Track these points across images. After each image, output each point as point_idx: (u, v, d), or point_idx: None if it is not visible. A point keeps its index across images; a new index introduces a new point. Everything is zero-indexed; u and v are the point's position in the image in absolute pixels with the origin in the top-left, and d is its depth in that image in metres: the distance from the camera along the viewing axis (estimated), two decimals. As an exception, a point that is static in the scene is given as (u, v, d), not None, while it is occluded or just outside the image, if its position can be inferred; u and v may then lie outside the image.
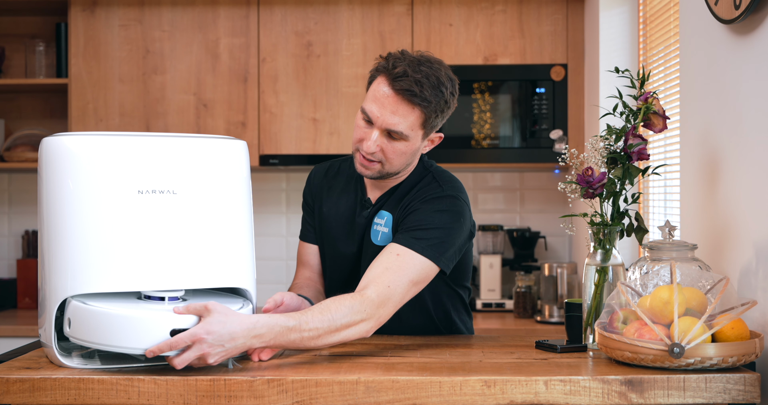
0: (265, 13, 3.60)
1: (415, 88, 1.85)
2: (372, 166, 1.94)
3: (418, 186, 2.01)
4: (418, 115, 1.88)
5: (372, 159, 1.92)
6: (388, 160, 1.92)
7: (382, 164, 1.93)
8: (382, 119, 1.88)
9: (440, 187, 1.98)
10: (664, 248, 1.77)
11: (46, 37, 3.86)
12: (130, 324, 1.59)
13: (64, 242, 1.64)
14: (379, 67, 1.92)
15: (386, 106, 1.87)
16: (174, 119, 3.59)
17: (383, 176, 1.98)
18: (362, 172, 1.96)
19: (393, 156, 1.92)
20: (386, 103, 1.87)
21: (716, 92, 2.00)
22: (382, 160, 1.93)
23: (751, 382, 1.54)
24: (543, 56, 3.56)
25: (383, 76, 1.89)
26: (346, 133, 3.56)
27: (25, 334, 3.29)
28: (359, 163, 1.95)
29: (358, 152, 1.94)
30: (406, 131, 1.89)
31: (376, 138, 1.89)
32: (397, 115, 1.87)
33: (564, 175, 3.81)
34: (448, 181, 2.01)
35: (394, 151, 1.91)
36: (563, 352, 1.80)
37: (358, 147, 1.94)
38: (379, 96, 1.88)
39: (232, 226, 1.76)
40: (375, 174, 1.96)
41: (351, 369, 1.64)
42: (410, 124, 1.89)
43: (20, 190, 3.99)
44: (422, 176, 2.04)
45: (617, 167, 1.84)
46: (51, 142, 1.67)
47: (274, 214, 3.94)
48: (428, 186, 1.99)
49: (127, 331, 1.58)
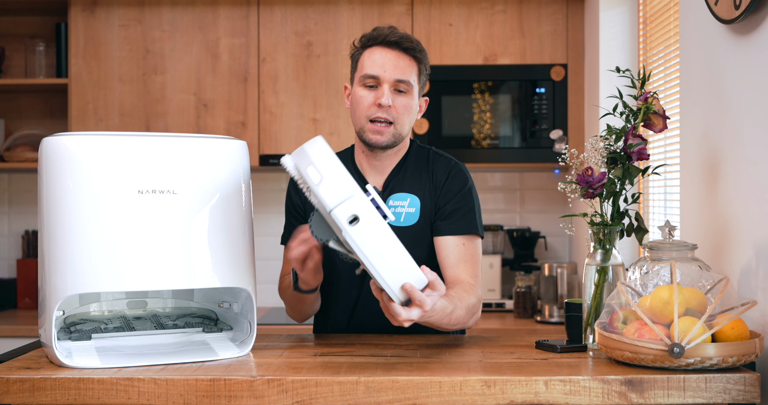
0: (265, 13, 3.60)
1: (407, 42, 2.01)
2: (386, 130, 2.01)
3: (431, 161, 2.08)
4: (415, 66, 2.03)
5: (387, 118, 1.99)
6: (399, 117, 2.01)
7: (394, 125, 2.01)
8: (389, 72, 1.99)
9: (449, 159, 2.10)
10: (664, 248, 1.77)
11: (46, 37, 3.86)
12: (407, 264, 1.57)
13: (64, 242, 1.64)
14: (362, 44, 2.05)
15: (388, 61, 2.00)
16: (174, 119, 3.59)
17: (393, 142, 2.03)
18: (377, 140, 2.01)
19: (402, 112, 2.01)
20: (387, 59, 2.00)
21: (716, 92, 2.00)
22: (394, 119, 2.00)
23: (751, 382, 1.54)
24: (543, 56, 3.56)
25: (373, 47, 2.02)
26: (346, 133, 3.56)
27: (25, 334, 3.29)
28: (373, 131, 2.01)
29: (369, 123, 2.01)
30: (412, 81, 2.01)
31: (388, 92, 1.99)
32: (400, 67, 2.00)
33: (564, 175, 3.81)
34: (447, 154, 2.14)
35: (403, 107, 2.01)
36: (563, 352, 1.80)
37: (368, 114, 2.00)
38: (377, 58, 2.00)
39: (232, 227, 1.76)
40: (389, 138, 2.02)
41: (351, 369, 1.64)
42: (411, 74, 2.02)
43: (20, 190, 3.99)
44: (424, 153, 2.11)
45: (617, 167, 1.84)
46: (51, 142, 1.67)
47: (274, 214, 3.94)
48: (440, 160, 2.09)
49: (398, 270, 1.57)
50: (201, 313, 1.99)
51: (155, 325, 1.90)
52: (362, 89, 2.02)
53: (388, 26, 2.05)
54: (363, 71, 2.02)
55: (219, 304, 1.96)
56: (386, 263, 1.58)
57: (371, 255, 1.57)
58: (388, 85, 2.00)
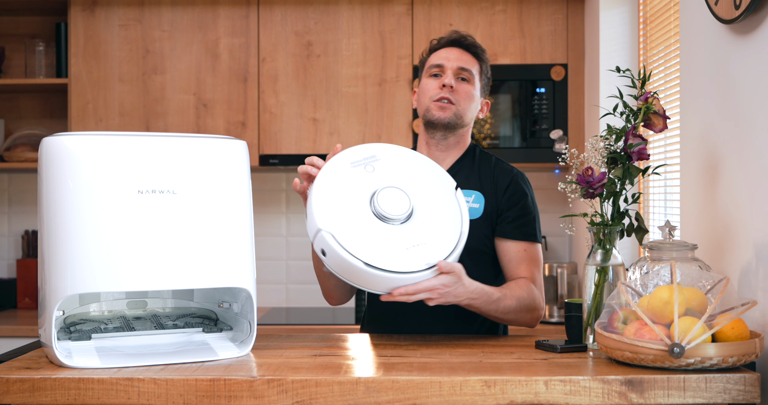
0: (265, 13, 3.60)
1: (469, 40, 2.22)
2: (449, 107, 2.15)
3: (495, 166, 2.21)
4: (476, 62, 2.21)
5: (449, 98, 2.14)
6: (461, 100, 2.16)
7: (457, 106, 2.15)
8: (453, 61, 2.17)
9: (512, 168, 2.23)
10: (664, 248, 1.77)
11: (46, 37, 3.86)
12: (382, 280, 1.79)
13: (64, 242, 1.63)
14: (430, 48, 2.24)
15: (452, 55, 2.19)
16: (174, 119, 3.59)
17: (456, 122, 2.16)
18: (440, 116, 2.15)
19: (464, 96, 2.16)
20: (451, 53, 2.19)
21: (716, 92, 2.00)
22: (456, 102, 2.15)
23: (751, 382, 1.54)
24: (543, 56, 3.56)
25: (438, 50, 2.22)
26: (346, 132, 3.56)
27: (25, 334, 3.29)
28: (437, 108, 2.15)
29: (433, 102, 2.16)
30: (473, 70, 2.18)
31: (451, 76, 2.16)
32: (463, 59, 2.19)
33: (564, 175, 3.81)
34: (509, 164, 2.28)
35: (465, 92, 2.17)
36: (563, 352, 1.80)
37: (432, 95, 2.16)
38: (443, 53, 2.20)
39: (232, 226, 1.76)
40: (451, 116, 2.15)
41: (351, 369, 1.64)
42: (473, 66, 2.19)
43: (20, 190, 3.99)
44: (487, 157, 2.24)
45: (617, 167, 1.84)
46: (51, 142, 1.67)
47: (274, 214, 3.94)
48: (503, 166, 2.23)
49: (378, 284, 1.80)
50: (201, 313, 1.99)
51: (155, 325, 1.90)
52: (428, 79, 2.20)
53: (452, 31, 2.26)
54: (429, 64, 2.21)
55: (219, 304, 1.96)
56: (359, 284, 1.84)
57: (343, 278, 1.84)
58: (452, 71, 2.17)
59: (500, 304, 1.98)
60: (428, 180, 1.93)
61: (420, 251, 1.81)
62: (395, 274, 1.77)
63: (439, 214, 1.88)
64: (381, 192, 1.84)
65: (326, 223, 1.80)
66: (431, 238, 1.84)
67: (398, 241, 1.81)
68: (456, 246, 1.85)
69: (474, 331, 2.15)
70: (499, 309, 1.98)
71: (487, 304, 1.95)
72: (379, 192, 1.84)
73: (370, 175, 1.89)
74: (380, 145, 1.96)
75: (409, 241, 1.82)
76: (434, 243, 1.83)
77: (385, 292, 1.82)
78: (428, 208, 1.88)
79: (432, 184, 1.93)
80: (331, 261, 1.82)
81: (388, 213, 1.82)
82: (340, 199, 1.84)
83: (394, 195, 1.85)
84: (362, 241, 1.79)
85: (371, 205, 1.84)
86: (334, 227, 1.79)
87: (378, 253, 1.78)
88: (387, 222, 1.83)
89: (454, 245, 1.85)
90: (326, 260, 1.83)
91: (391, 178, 1.89)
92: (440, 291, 1.82)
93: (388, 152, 1.95)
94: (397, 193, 1.85)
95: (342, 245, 1.78)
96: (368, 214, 1.84)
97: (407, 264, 1.79)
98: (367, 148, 1.94)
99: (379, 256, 1.78)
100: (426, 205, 1.88)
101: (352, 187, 1.86)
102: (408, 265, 1.79)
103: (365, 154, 1.93)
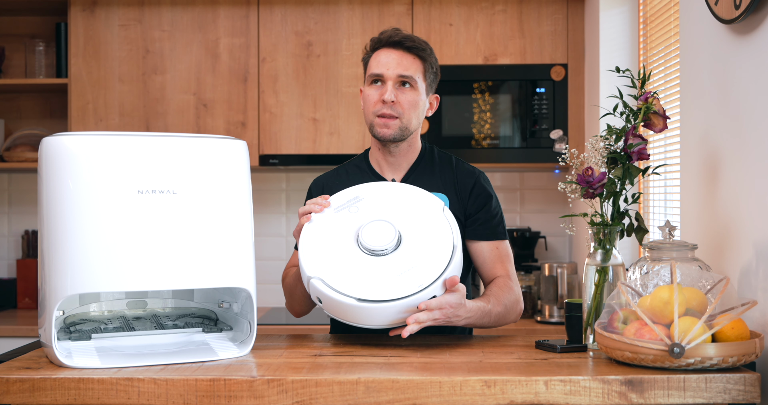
0: (265, 13, 3.60)
1: (410, 42, 2.13)
2: (392, 122, 2.11)
3: (456, 167, 2.20)
4: (419, 63, 2.13)
5: (392, 113, 2.10)
6: (404, 112, 2.11)
7: (400, 119, 2.11)
8: (392, 70, 2.11)
9: (474, 168, 2.22)
10: (664, 248, 1.77)
11: (46, 37, 3.86)
12: (379, 312, 1.78)
13: (64, 242, 1.64)
14: (371, 46, 2.17)
15: (392, 60, 2.12)
16: (174, 119, 3.59)
17: (401, 135, 2.13)
18: (384, 133, 2.12)
19: (407, 106, 2.12)
20: (391, 58, 2.12)
21: (716, 92, 2.00)
22: (399, 114, 2.11)
23: (751, 382, 1.54)
24: (543, 56, 3.56)
25: (379, 49, 2.14)
26: (346, 132, 3.56)
27: (25, 334, 3.29)
28: (380, 125, 2.12)
29: (377, 117, 2.12)
30: (415, 76, 2.12)
31: (391, 88, 2.10)
32: (403, 65, 2.12)
33: (564, 175, 3.81)
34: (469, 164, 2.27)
35: (408, 102, 2.11)
36: (563, 352, 1.80)
37: (374, 110, 2.12)
38: (382, 58, 2.13)
39: (232, 226, 1.76)
40: (396, 131, 2.12)
41: (351, 369, 1.64)
42: (415, 71, 2.12)
43: (20, 190, 3.99)
44: (446, 157, 2.22)
45: (617, 167, 1.84)
46: (51, 142, 1.67)
47: (274, 214, 3.94)
48: (465, 167, 2.21)
49: (378, 317, 1.80)
50: (201, 313, 1.99)
51: (155, 325, 1.90)
52: (369, 88, 2.14)
53: (392, 28, 2.17)
54: (370, 71, 2.15)
55: (219, 304, 1.96)
56: (363, 322, 1.84)
57: (347, 321, 1.85)
58: (392, 81, 2.11)
59: (492, 314, 1.98)
60: (414, 206, 1.92)
61: (412, 275, 1.79)
62: (388, 303, 1.77)
63: (428, 236, 1.87)
64: (364, 228, 1.85)
65: (315, 270, 1.82)
66: (422, 259, 1.82)
67: (390, 270, 1.81)
68: (450, 261, 1.83)
69: (448, 332, 2.14)
70: (491, 320, 1.99)
71: (481, 319, 1.95)
72: (362, 228, 1.85)
73: (355, 216, 1.90)
74: (363, 186, 1.97)
75: (401, 268, 1.81)
76: (425, 264, 1.81)
77: (390, 324, 1.82)
78: (417, 233, 1.87)
79: (418, 208, 1.92)
80: (327, 306, 1.83)
81: (374, 246, 1.82)
82: (327, 244, 1.85)
83: (378, 228, 1.85)
84: (353, 279, 1.79)
85: (357, 243, 1.85)
86: (323, 272, 1.81)
87: (370, 286, 1.78)
88: (378, 255, 1.83)
89: (447, 261, 1.82)
90: (324, 307, 1.85)
91: (375, 213, 1.89)
92: (446, 311, 1.81)
93: (371, 190, 1.96)
94: (382, 225, 1.85)
95: (332, 287, 1.79)
96: (357, 252, 1.84)
97: (400, 290, 1.77)
98: (350, 192, 1.96)
99: (371, 290, 1.78)
100: (414, 230, 1.87)
101: (337, 230, 1.88)
102: (401, 290, 1.77)
103: (348, 197, 1.95)
